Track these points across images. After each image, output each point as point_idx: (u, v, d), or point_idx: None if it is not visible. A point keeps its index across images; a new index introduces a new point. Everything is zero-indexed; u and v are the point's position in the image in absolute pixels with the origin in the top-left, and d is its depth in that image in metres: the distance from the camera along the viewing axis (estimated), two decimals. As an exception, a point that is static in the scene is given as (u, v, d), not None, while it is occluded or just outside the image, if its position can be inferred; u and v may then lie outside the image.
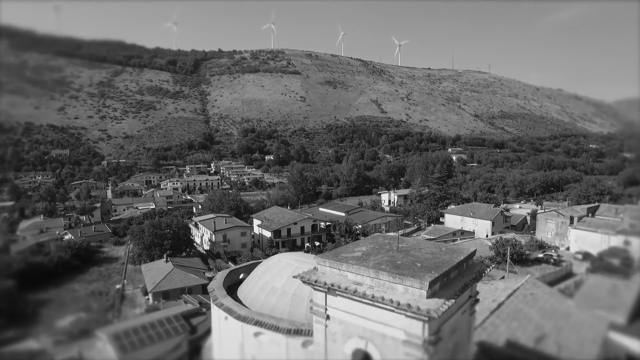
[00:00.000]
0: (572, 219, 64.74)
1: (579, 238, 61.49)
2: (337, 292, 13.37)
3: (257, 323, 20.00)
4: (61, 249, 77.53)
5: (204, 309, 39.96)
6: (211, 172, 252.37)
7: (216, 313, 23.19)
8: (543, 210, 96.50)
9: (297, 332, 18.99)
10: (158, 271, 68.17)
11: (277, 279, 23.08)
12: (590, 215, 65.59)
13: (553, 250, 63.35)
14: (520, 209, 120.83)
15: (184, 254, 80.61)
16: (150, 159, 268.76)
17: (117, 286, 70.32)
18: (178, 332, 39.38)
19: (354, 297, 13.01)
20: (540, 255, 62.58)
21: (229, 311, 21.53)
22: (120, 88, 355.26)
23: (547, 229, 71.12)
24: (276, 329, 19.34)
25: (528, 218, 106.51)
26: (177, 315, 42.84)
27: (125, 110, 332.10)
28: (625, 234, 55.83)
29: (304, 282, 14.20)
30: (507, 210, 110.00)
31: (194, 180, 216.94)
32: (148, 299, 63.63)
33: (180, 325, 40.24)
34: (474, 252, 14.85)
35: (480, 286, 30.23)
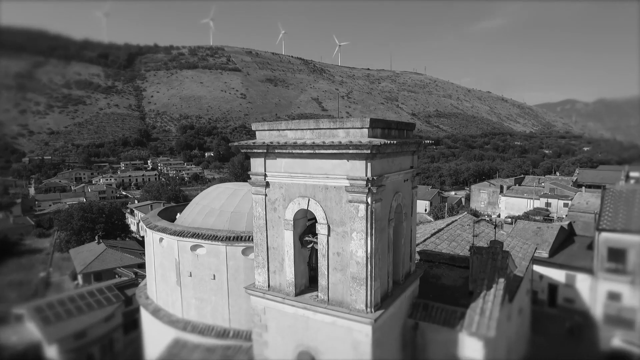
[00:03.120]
0: (502, 187, 69.23)
1: (508, 204, 65.73)
2: (276, 151, 12.86)
3: (195, 235, 18.97)
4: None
5: (140, 280, 37.52)
6: (148, 168, 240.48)
7: (150, 238, 21.72)
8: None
9: (238, 239, 18.22)
10: (89, 253, 63.26)
11: (215, 201, 22.08)
12: (517, 185, 70.50)
13: (486, 217, 67.42)
14: (456, 195, 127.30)
15: (118, 239, 75.65)
16: (80, 156, 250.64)
17: (42, 274, 64.47)
18: (111, 301, 36.80)
19: (294, 152, 12.58)
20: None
21: (164, 230, 20.23)
22: (43, 80, 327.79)
23: (480, 199, 75.40)
24: (214, 238, 18.43)
25: (463, 200, 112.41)
26: (109, 286, 40.01)
27: (50, 105, 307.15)
28: (546, 197, 60.39)
29: (241, 148, 13.51)
30: (444, 192, 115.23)
31: (130, 176, 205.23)
32: (78, 283, 58.91)
33: (113, 295, 37.67)
34: (414, 124, 15.02)
35: (422, 226, 31.01)
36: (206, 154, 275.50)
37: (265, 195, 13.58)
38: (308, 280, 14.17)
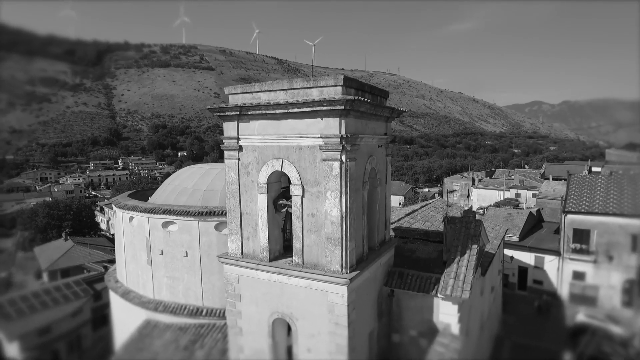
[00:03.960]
0: (473, 180, 70.84)
1: (479, 196, 67.22)
2: (250, 112, 12.61)
3: (166, 212, 18.46)
4: None
5: (110, 274, 36.31)
6: (119, 168, 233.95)
7: (119, 219, 21.01)
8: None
9: (211, 214, 17.85)
10: (55, 250, 60.70)
11: (187, 181, 21.58)
12: (488, 177, 72.26)
13: (458, 208, 68.81)
14: (430, 192, 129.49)
15: (87, 237, 73.07)
16: (45, 156, 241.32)
17: (2, 274, 61.53)
18: (78, 296, 35.58)
19: (268, 112, 12.37)
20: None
21: (134, 208, 19.61)
22: (3, 77, 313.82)
23: (453, 191, 76.84)
24: (187, 214, 17.99)
25: (436, 195, 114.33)
26: (77, 280, 38.71)
27: (12, 102, 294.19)
28: (516, 188, 62.08)
29: (214, 111, 13.18)
30: (417, 188, 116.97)
31: (99, 175, 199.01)
32: (43, 281, 56.50)
33: (81, 290, 36.47)
34: (387, 92, 15.04)
35: (396, 209, 31.22)
36: (179, 153, 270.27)
37: (238, 159, 13.30)
38: (282, 247, 13.96)
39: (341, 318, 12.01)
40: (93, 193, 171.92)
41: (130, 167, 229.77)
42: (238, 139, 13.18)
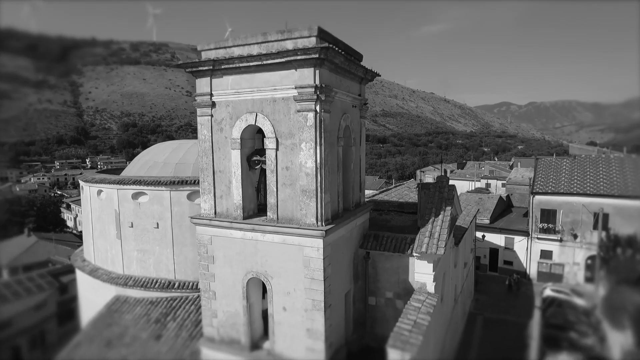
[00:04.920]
0: (445, 171, 72.23)
1: (451, 187, 68.49)
2: (223, 66, 12.34)
3: (136, 182, 17.89)
4: None
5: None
6: (87, 167, 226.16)
7: (87, 195, 20.24)
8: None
9: (183, 183, 17.42)
10: (17, 246, 58.05)
11: (159, 155, 21.04)
12: (459, 169, 73.90)
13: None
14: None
15: (52, 233, 70.19)
16: (6, 155, 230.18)
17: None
18: (42, 289, 34.21)
19: (241, 66, 12.14)
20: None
21: (102, 181, 18.94)
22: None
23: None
24: (158, 183, 17.47)
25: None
26: (41, 272, 37.22)
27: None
28: (486, 178, 63.66)
29: (186, 66, 12.82)
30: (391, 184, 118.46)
31: (66, 174, 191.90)
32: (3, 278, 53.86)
33: (46, 282, 35.06)
34: (361, 55, 15.03)
35: (370, 192, 31.35)
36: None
37: (211, 115, 12.99)
38: (256, 207, 13.73)
39: (317, 272, 11.90)
40: (59, 192, 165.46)
41: (99, 166, 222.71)
42: (211, 94, 12.88)
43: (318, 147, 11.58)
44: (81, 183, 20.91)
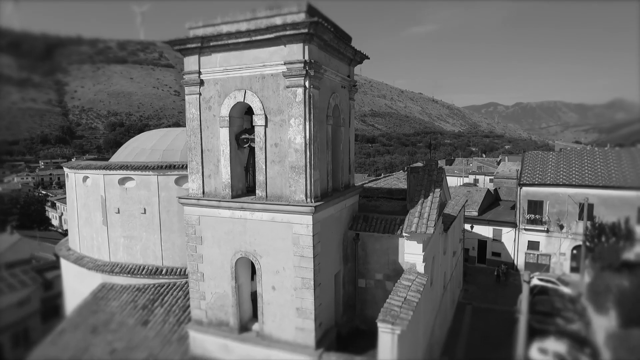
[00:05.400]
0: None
1: (439, 183, 68.94)
2: (212, 43, 12.21)
3: (123, 167, 17.61)
4: None
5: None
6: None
7: (72, 182, 19.87)
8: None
9: (171, 167, 17.20)
10: (-1, 244, 57.01)
11: (146, 142, 20.76)
12: (448, 165, 74.46)
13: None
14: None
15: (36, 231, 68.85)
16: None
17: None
18: (26, 284, 33.59)
19: (230, 42, 12.02)
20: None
21: (88, 167, 18.63)
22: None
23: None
24: (145, 168, 17.22)
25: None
26: (24, 268, 36.57)
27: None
28: (474, 174, 64.23)
29: (174, 44, 12.63)
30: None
31: (50, 174, 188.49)
32: (-14, 277, 52.60)
33: (29, 278, 34.43)
34: (350, 37, 15.00)
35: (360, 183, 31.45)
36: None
37: (200, 94, 12.82)
38: (245, 187, 13.61)
39: (306, 250, 11.82)
40: (44, 192, 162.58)
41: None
42: (199, 72, 12.71)
43: (307, 123, 11.51)
44: (66, 170, 20.52)
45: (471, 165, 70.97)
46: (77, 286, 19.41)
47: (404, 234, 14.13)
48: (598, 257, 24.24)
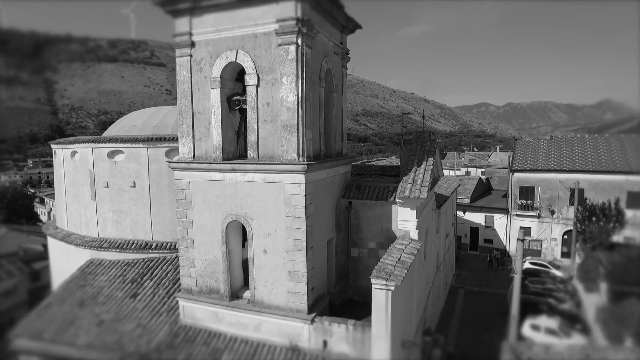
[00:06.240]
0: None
1: (432, 177, 69.29)
2: (203, 3, 12.01)
3: (112, 140, 17.31)
4: None
5: (50, 252, 33.87)
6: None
7: (60, 158, 19.51)
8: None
9: (161, 140, 16.94)
10: (-14, 237, 55.97)
11: (137, 119, 20.50)
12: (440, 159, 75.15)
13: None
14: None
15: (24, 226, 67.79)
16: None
17: None
18: (12, 275, 33.17)
19: (222, 2, 11.82)
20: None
21: (76, 141, 18.30)
22: None
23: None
24: (135, 140, 16.95)
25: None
26: (11, 258, 36.05)
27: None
28: (466, 167, 64.52)
29: (164, 5, 12.39)
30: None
31: (39, 172, 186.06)
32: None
33: (16, 268, 33.97)
34: (343, 5, 14.85)
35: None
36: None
37: (190, 56, 12.60)
38: (236, 151, 13.41)
39: (298, 210, 11.65)
40: (32, 191, 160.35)
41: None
42: (190, 34, 12.49)
43: (299, 81, 11.35)
44: (54, 147, 20.14)
45: (463, 159, 71.38)
46: (64, 264, 19.00)
47: (397, 200, 14.02)
48: (589, 237, 24.38)
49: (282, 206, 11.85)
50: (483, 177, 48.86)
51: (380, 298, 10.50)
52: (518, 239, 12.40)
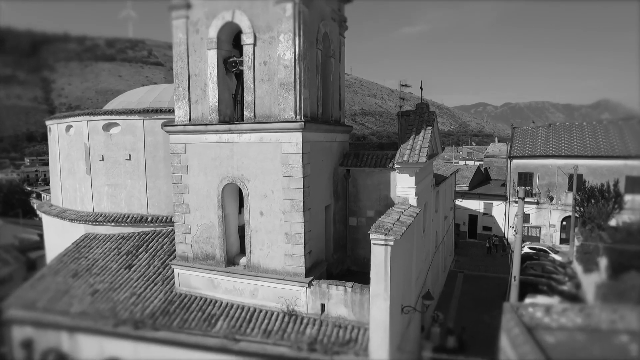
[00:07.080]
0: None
1: (430, 170, 69.27)
2: (198, -40, 11.77)
3: (108, 112, 17.11)
4: None
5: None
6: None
7: (55, 135, 19.32)
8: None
9: (157, 111, 16.74)
10: (-19, 230, 55.60)
11: (132, 96, 20.27)
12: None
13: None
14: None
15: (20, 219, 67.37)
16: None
17: None
18: (8, 263, 32.86)
19: (216, -43, 11.59)
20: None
21: (71, 115, 18.05)
22: None
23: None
24: (130, 112, 16.74)
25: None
26: (6, 246, 35.93)
27: None
28: (464, 160, 64.42)
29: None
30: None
31: (37, 170, 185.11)
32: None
33: (12, 257, 33.72)
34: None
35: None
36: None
37: (187, 17, 12.43)
38: (233, 114, 13.23)
39: (295, 169, 11.49)
40: (29, 189, 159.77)
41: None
42: (185, -6, 12.32)
43: (297, 39, 11.20)
44: (48, 124, 19.95)
45: (461, 152, 71.34)
46: (59, 241, 18.76)
47: (395, 166, 13.86)
48: (588, 219, 24.28)
49: (279, 166, 11.69)
50: (482, 167, 48.79)
51: (379, 254, 10.34)
52: (519, 197, 12.26)
